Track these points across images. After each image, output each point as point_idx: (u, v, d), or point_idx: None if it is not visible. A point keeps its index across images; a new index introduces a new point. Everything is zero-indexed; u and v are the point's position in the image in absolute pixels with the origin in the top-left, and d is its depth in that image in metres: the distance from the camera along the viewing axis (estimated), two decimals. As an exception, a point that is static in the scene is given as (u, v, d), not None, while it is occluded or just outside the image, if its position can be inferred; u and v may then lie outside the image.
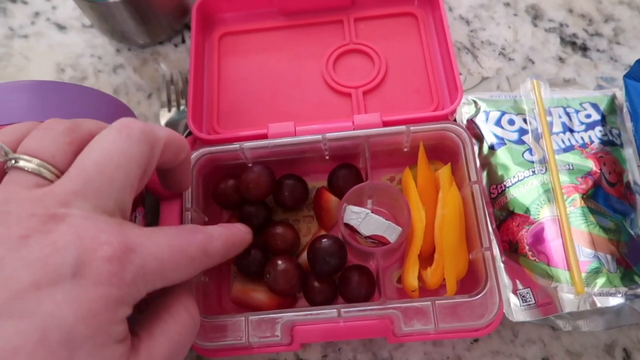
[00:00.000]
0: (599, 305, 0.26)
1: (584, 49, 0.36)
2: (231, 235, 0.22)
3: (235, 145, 0.29)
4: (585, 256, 0.27)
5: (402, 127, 0.29)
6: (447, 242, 0.27)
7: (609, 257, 0.27)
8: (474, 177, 0.27)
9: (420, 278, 0.27)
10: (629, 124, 0.32)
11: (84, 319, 0.15)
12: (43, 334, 0.15)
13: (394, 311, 0.24)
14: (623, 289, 0.26)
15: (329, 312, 0.25)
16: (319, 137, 0.29)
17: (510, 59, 0.36)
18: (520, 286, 0.29)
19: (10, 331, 0.14)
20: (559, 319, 0.28)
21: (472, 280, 0.27)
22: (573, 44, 0.36)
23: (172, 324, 0.19)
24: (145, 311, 0.20)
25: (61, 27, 0.39)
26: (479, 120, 0.33)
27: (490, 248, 0.26)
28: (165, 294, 0.21)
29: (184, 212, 0.28)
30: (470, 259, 0.28)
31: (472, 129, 0.33)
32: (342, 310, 0.24)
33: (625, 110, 0.32)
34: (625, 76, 0.32)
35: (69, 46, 0.39)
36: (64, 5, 0.40)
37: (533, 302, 0.28)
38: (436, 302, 0.24)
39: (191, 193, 0.28)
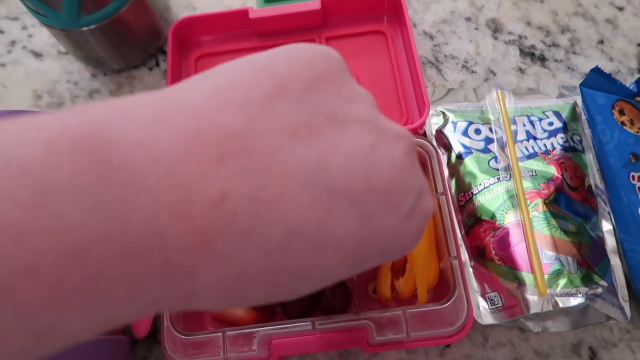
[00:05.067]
0: (561, 305, 0.27)
1: (542, 59, 0.37)
2: None
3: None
4: (547, 259, 0.28)
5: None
6: (417, 253, 0.28)
7: (569, 259, 0.28)
8: (440, 189, 0.29)
9: (393, 288, 0.28)
10: (587, 131, 0.33)
11: None
12: None
13: (367, 322, 0.25)
14: (583, 289, 0.27)
15: (304, 325, 0.25)
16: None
17: (473, 72, 0.37)
18: (488, 290, 0.30)
19: None
20: (529, 321, 0.29)
21: (443, 288, 0.28)
22: (532, 54, 0.37)
23: None
24: None
25: (37, 55, 0.40)
26: (447, 131, 0.34)
27: (458, 257, 0.27)
28: None
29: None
30: (440, 267, 0.29)
31: (441, 139, 0.35)
32: (316, 322, 0.25)
33: (583, 117, 0.34)
34: (581, 85, 0.33)
35: (46, 73, 0.40)
36: (39, 33, 0.41)
37: (501, 304, 0.29)
38: (407, 311, 0.25)
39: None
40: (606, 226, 0.31)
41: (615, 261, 0.30)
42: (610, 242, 0.31)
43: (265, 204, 0.12)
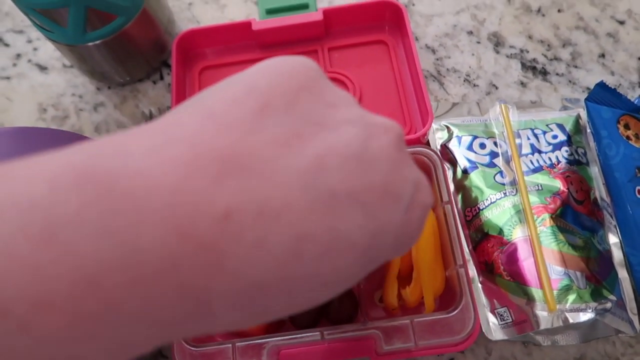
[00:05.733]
0: (571, 321, 0.27)
1: (544, 73, 0.38)
2: None
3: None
4: (556, 274, 0.28)
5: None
6: (423, 262, 0.28)
7: (578, 274, 0.28)
8: (446, 198, 0.29)
9: (400, 297, 0.28)
10: (592, 144, 0.33)
11: None
12: None
13: (375, 331, 0.25)
14: (593, 304, 0.27)
15: (313, 335, 0.25)
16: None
17: (474, 85, 0.37)
18: (497, 305, 0.29)
19: None
20: (538, 335, 0.29)
21: (449, 297, 0.28)
22: (533, 68, 0.38)
23: None
24: None
25: (42, 68, 0.40)
26: (452, 145, 0.34)
27: (464, 265, 0.27)
28: None
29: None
30: (446, 276, 0.29)
31: (446, 154, 0.35)
32: (325, 332, 0.25)
33: (588, 130, 0.34)
34: (586, 99, 0.33)
35: (51, 86, 0.39)
36: (44, 46, 0.41)
37: (510, 320, 0.29)
38: (415, 320, 0.25)
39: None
40: (613, 239, 0.31)
41: (622, 274, 0.30)
42: (617, 255, 0.31)
43: (270, 214, 0.12)
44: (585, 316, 0.27)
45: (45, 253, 0.10)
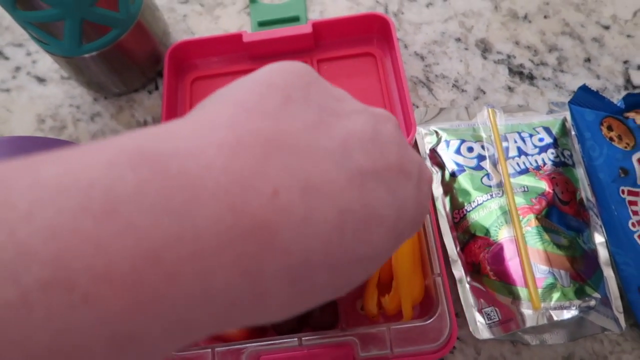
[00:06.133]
0: (555, 318, 0.27)
1: (530, 77, 0.38)
2: None
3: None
4: (541, 273, 0.29)
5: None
6: (401, 270, 0.28)
7: (562, 272, 0.29)
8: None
9: (380, 305, 0.28)
10: (577, 146, 0.34)
11: None
12: None
13: (352, 337, 0.26)
14: (577, 302, 0.28)
15: (291, 341, 0.26)
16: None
17: (463, 91, 0.38)
18: (485, 305, 0.30)
19: None
20: (526, 334, 0.29)
21: (429, 305, 0.29)
22: (520, 73, 0.38)
23: None
24: None
25: (41, 80, 0.41)
26: (441, 150, 0.35)
27: (441, 274, 0.27)
28: None
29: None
30: (426, 284, 0.29)
31: (434, 157, 0.35)
32: (303, 338, 0.26)
33: (573, 133, 0.35)
34: (569, 102, 0.34)
35: (49, 97, 0.41)
36: (43, 59, 0.42)
37: (497, 319, 0.29)
38: (391, 327, 0.26)
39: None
40: (599, 239, 0.32)
41: (608, 273, 0.30)
42: (603, 254, 0.31)
43: (314, 190, 0.13)
44: (569, 314, 0.27)
45: (107, 228, 0.10)
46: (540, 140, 0.35)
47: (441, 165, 0.35)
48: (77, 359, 0.10)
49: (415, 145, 0.36)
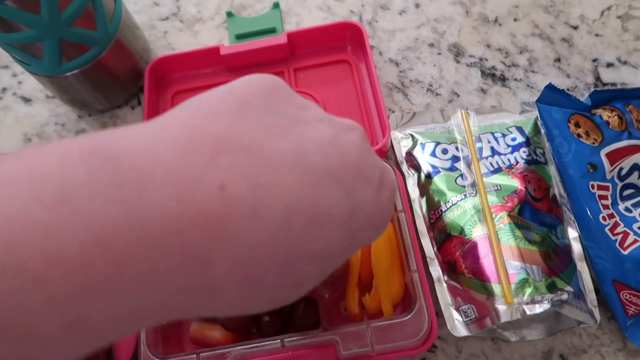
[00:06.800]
0: (528, 313, 0.28)
1: (503, 79, 0.39)
2: None
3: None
4: (513, 269, 0.29)
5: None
6: (379, 268, 0.29)
7: (535, 267, 0.29)
8: (399, 207, 0.30)
9: (361, 304, 0.29)
10: (547, 144, 0.35)
11: None
12: None
13: (333, 337, 0.26)
14: (549, 296, 0.28)
15: (273, 343, 0.26)
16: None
17: (437, 94, 0.39)
18: (461, 303, 0.30)
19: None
20: (506, 331, 0.30)
21: (409, 303, 0.29)
22: (493, 75, 0.39)
23: None
24: None
25: (27, 100, 0.42)
26: (416, 152, 0.36)
27: (419, 271, 0.28)
28: None
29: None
30: (405, 282, 0.29)
31: (410, 160, 0.36)
32: (285, 340, 0.26)
33: (543, 131, 0.35)
34: (537, 101, 0.35)
35: (35, 117, 0.42)
36: (28, 80, 0.43)
37: (474, 316, 0.30)
38: (371, 324, 0.26)
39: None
40: (572, 234, 0.32)
41: (582, 267, 0.31)
42: (576, 248, 0.32)
43: (262, 187, 0.14)
44: (542, 307, 0.28)
45: (57, 216, 0.11)
46: (513, 139, 0.36)
47: (417, 168, 0.35)
48: (30, 336, 0.11)
49: (392, 149, 0.37)
